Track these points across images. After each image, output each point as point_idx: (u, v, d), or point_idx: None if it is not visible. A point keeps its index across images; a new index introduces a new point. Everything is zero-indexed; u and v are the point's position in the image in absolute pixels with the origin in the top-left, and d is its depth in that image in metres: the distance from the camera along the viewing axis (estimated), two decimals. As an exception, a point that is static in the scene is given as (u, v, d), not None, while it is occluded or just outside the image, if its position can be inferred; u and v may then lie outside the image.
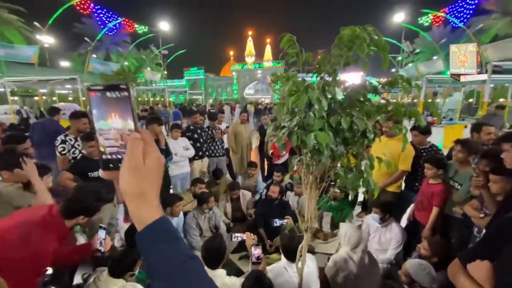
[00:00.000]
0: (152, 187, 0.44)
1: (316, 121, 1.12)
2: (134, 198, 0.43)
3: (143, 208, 0.43)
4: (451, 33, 25.54)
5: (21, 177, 1.80)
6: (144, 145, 0.44)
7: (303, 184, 1.46)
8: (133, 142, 0.44)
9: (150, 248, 0.41)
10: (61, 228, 1.33)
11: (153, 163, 0.44)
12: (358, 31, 1.06)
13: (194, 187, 3.45)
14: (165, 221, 0.43)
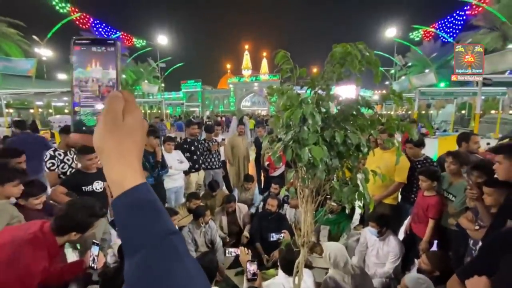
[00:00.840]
0: (133, 147, 0.38)
1: (310, 135, 1.13)
2: (111, 156, 0.37)
3: (122, 170, 0.36)
4: (441, 47, 26.33)
5: (13, 192, 1.76)
6: (126, 104, 0.39)
7: (299, 197, 1.45)
8: (113, 97, 0.39)
9: (126, 218, 0.35)
10: (52, 246, 1.29)
11: (135, 122, 0.39)
12: (349, 48, 1.10)
13: (189, 202, 3.41)
14: (147, 189, 0.37)
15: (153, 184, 3.44)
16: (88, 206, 1.45)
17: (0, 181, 1.69)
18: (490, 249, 1.03)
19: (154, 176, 3.42)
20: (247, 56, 47.23)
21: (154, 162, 3.38)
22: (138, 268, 0.32)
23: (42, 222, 1.35)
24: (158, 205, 0.37)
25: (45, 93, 13.08)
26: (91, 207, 1.46)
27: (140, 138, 0.39)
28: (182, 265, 0.34)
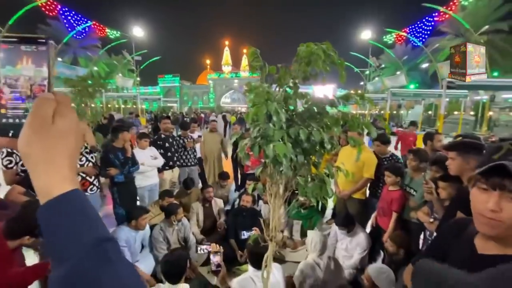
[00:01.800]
0: (63, 152, 0.35)
1: (276, 132, 1.15)
2: (37, 162, 0.34)
3: (49, 176, 0.34)
4: (412, 51, 27.88)
5: None
6: (58, 106, 0.37)
7: (267, 193, 1.48)
8: (41, 98, 0.36)
9: (53, 227, 0.32)
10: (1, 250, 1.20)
11: (67, 125, 0.36)
12: (313, 48, 1.13)
13: (162, 200, 3.33)
14: (78, 195, 0.35)
15: (124, 182, 3.32)
16: None
17: None
18: (440, 239, 1.11)
19: (125, 173, 3.30)
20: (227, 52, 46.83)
21: (124, 158, 3.27)
22: (65, 278, 0.30)
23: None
24: (89, 212, 0.35)
25: (6, 84, 12.09)
26: None
27: (72, 143, 0.37)
28: (114, 273, 0.32)
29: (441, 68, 17.39)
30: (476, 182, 0.80)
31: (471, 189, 0.84)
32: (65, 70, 19.22)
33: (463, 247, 0.91)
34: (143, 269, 2.62)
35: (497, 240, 0.80)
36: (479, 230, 0.82)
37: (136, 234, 2.72)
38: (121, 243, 2.52)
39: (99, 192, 3.27)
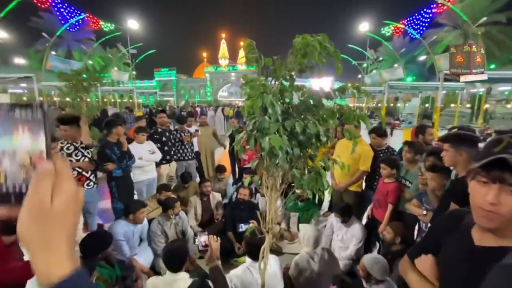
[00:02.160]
0: (62, 233, 0.35)
1: (271, 124, 1.15)
2: (36, 248, 0.34)
3: (48, 260, 0.34)
4: (409, 43, 27.77)
5: None
6: (57, 178, 0.35)
7: (264, 186, 1.49)
8: (39, 176, 0.35)
9: None
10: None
11: (65, 203, 0.35)
12: (309, 40, 1.12)
13: (160, 194, 3.34)
14: (79, 277, 0.34)
15: (122, 176, 3.32)
16: None
17: None
18: (435, 230, 1.11)
19: (122, 167, 3.30)
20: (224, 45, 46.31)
21: (120, 153, 3.25)
22: None
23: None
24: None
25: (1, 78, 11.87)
26: None
27: (71, 220, 0.37)
28: None
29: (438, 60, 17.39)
30: (475, 175, 0.80)
31: (470, 182, 0.83)
32: (59, 64, 18.90)
33: (460, 239, 0.92)
34: (142, 262, 2.65)
35: (494, 232, 0.80)
36: (477, 223, 0.82)
37: (134, 228, 2.73)
38: (119, 237, 2.53)
39: (95, 187, 3.26)
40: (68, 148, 2.93)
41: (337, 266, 2.41)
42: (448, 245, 0.97)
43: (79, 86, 5.69)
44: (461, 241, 0.91)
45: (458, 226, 0.95)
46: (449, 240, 0.97)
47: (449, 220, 1.03)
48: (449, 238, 0.97)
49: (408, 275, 1.06)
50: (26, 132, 0.37)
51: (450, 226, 1.00)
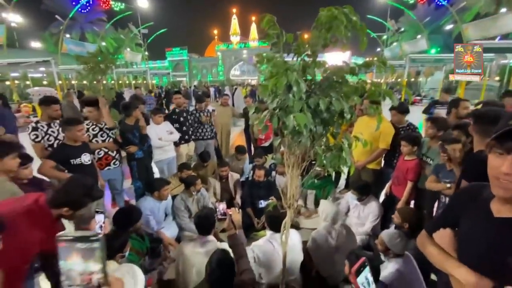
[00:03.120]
0: None
1: (295, 102, 1.15)
2: None
3: None
4: (435, 11, 25.63)
5: (11, 165, 1.75)
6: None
7: (285, 164, 1.52)
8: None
9: None
10: (47, 218, 1.32)
11: None
12: (335, 13, 1.08)
13: (181, 173, 3.48)
14: None
15: (143, 157, 3.46)
16: (87, 186, 1.44)
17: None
18: (454, 204, 1.12)
19: (143, 149, 3.42)
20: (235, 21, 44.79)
21: (140, 135, 3.35)
22: None
23: (39, 194, 1.37)
24: None
25: (20, 63, 12.21)
26: (89, 187, 1.46)
27: None
28: None
29: (466, 29, 16.03)
30: (492, 148, 0.83)
31: (488, 154, 0.86)
32: (74, 47, 19.12)
33: (479, 212, 0.94)
34: (168, 235, 2.83)
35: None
36: (494, 193, 0.85)
37: (160, 204, 2.90)
38: (147, 212, 2.71)
39: (120, 165, 3.43)
40: (93, 129, 3.07)
41: (354, 241, 2.47)
42: (468, 218, 0.99)
43: (96, 69, 5.77)
44: (480, 214, 0.93)
45: (477, 200, 0.97)
46: (468, 213, 0.99)
47: (468, 194, 1.05)
48: (468, 212, 0.99)
49: (427, 248, 1.09)
50: (80, 257, 0.44)
51: (469, 199, 1.01)
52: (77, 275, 0.44)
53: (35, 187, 2.04)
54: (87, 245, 0.45)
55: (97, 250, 0.45)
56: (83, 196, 1.41)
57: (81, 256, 0.44)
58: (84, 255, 0.44)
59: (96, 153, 3.08)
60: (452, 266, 0.95)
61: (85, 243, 0.44)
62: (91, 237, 0.44)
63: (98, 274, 0.44)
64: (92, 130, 3.06)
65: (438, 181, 2.27)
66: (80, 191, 1.40)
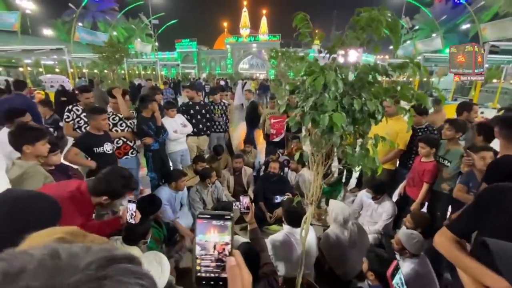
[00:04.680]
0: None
1: (330, 102, 1.18)
2: None
3: None
4: (452, 10, 24.93)
5: (42, 150, 1.82)
6: (240, 270, 0.49)
7: (310, 161, 1.55)
8: (233, 273, 0.48)
9: None
10: (88, 204, 1.39)
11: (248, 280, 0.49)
12: (376, 14, 1.09)
13: (196, 165, 3.54)
14: None
15: (158, 149, 3.52)
16: (126, 176, 1.51)
17: (31, 141, 1.72)
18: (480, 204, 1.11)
19: (159, 141, 3.47)
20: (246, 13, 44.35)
21: (156, 128, 3.40)
22: None
23: (80, 182, 1.43)
24: None
25: (34, 50, 12.39)
26: (128, 178, 1.53)
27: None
28: None
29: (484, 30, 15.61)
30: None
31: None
32: (85, 35, 19.29)
33: (503, 211, 0.96)
34: (183, 224, 2.91)
35: None
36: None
37: (176, 194, 2.97)
38: (164, 201, 2.77)
39: (137, 155, 3.50)
40: (113, 119, 3.13)
41: (366, 240, 2.50)
42: (492, 218, 1.01)
43: (112, 59, 5.87)
44: (505, 213, 0.95)
45: (502, 201, 0.99)
46: (493, 213, 1.01)
47: (493, 194, 1.06)
48: (493, 211, 1.01)
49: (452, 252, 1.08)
50: (216, 232, 0.51)
51: (494, 200, 1.03)
52: (212, 245, 0.51)
53: (61, 173, 2.12)
54: (221, 222, 0.51)
55: (229, 226, 0.52)
56: (122, 186, 1.46)
57: (217, 231, 0.51)
58: (219, 230, 0.51)
59: (115, 142, 3.15)
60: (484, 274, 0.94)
61: (219, 220, 0.51)
62: (225, 215, 0.52)
63: (229, 246, 0.51)
64: (112, 120, 3.12)
65: (467, 190, 2.24)
66: (120, 181, 1.46)
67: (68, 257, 0.28)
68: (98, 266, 0.28)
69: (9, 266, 0.26)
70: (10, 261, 0.27)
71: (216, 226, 0.51)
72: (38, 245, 0.29)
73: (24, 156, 1.76)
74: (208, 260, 0.51)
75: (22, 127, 1.83)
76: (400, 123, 2.90)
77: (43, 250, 0.29)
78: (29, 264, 0.26)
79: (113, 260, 0.30)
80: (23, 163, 1.71)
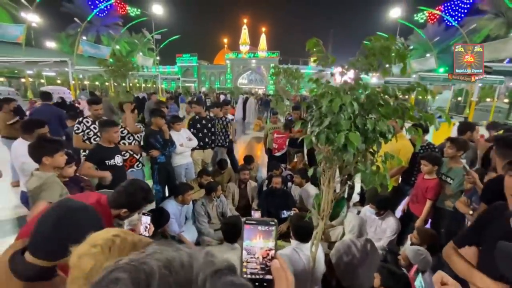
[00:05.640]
0: None
1: (344, 122, 1.25)
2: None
3: None
4: (444, 32, 25.99)
5: (60, 162, 1.85)
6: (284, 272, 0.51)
7: (322, 177, 1.61)
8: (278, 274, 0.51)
9: None
10: (108, 217, 1.41)
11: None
12: (388, 44, 1.19)
13: (200, 178, 3.57)
14: None
15: (165, 162, 3.55)
16: (145, 189, 1.55)
17: (50, 152, 1.76)
18: (480, 221, 1.27)
19: (166, 154, 3.52)
20: (246, 31, 45.66)
21: (163, 141, 3.45)
22: None
23: (99, 195, 1.46)
24: None
25: (37, 62, 12.57)
26: (147, 191, 1.56)
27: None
28: None
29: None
30: (507, 171, 1.01)
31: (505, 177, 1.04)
32: (89, 48, 19.65)
33: (499, 226, 1.10)
34: (188, 238, 2.90)
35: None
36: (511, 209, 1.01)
37: (182, 208, 2.98)
38: (170, 215, 2.78)
39: (142, 168, 3.53)
40: (122, 132, 3.19)
41: (377, 257, 2.51)
42: (490, 232, 1.14)
43: (118, 72, 6.01)
44: (500, 228, 1.09)
45: (499, 216, 1.12)
46: (491, 229, 1.14)
47: (493, 212, 1.20)
48: (492, 227, 1.14)
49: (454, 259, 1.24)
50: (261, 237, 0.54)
51: (493, 216, 1.17)
52: (258, 250, 0.54)
53: (75, 185, 2.14)
54: (266, 227, 0.54)
55: (273, 232, 0.55)
56: (141, 199, 1.50)
57: (262, 237, 0.54)
58: (264, 236, 0.54)
59: (122, 154, 3.19)
60: (478, 277, 1.09)
61: (264, 226, 0.54)
62: (269, 221, 0.55)
63: (272, 251, 0.54)
64: (121, 133, 3.18)
65: (469, 203, 2.30)
66: (140, 194, 1.49)
67: (181, 269, 0.31)
68: (209, 280, 0.31)
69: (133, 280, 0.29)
70: (133, 273, 0.30)
71: (262, 232, 0.54)
72: (149, 253, 0.33)
73: (43, 167, 1.79)
74: (254, 263, 0.54)
75: (41, 139, 1.87)
76: (402, 141, 2.99)
77: (157, 262, 0.31)
78: (152, 279, 0.29)
79: (219, 271, 0.33)
80: (42, 174, 1.74)
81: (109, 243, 0.62)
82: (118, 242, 0.63)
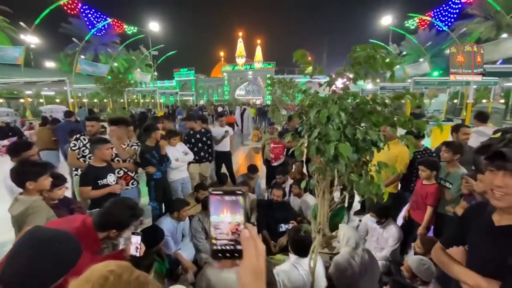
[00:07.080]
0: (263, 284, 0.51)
1: (333, 132, 1.23)
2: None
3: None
4: (436, 36, 26.48)
5: (45, 185, 1.81)
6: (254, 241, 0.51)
7: (316, 189, 1.56)
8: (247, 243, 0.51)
9: None
10: (94, 240, 1.36)
11: (263, 260, 0.51)
12: (373, 53, 1.18)
13: (197, 193, 3.51)
14: None
15: (161, 178, 3.50)
16: (131, 206, 1.50)
17: (34, 177, 1.72)
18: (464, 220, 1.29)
19: (162, 170, 3.47)
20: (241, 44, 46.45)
21: (159, 156, 3.41)
22: None
23: (84, 217, 1.41)
24: None
25: (36, 82, 12.70)
26: (133, 208, 1.51)
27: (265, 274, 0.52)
28: None
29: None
30: (486, 167, 1.03)
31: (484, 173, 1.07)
32: (87, 67, 19.95)
33: (483, 222, 1.13)
34: (186, 256, 2.81)
35: (509, 213, 1.01)
36: (492, 204, 1.03)
37: (178, 224, 2.90)
38: (166, 233, 2.70)
39: (137, 186, 3.48)
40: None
41: (377, 268, 2.43)
42: (474, 229, 1.17)
43: (115, 89, 6.05)
44: (484, 224, 1.12)
45: (482, 214, 1.15)
46: (475, 226, 1.17)
47: (475, 210, 1.25)
48: (475, 224, 1.17)
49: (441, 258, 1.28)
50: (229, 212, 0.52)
51: (475, 214, 1.21)
52: (227, 225, 0.52)
53: (64, 207, 2.09)
54: (233, 197, 0.51)
55: (241, 204, 0.52)
56: (129, 217, 1.45)
57: (229, 211, 0.52)
58: (232, 210, 0.52)
59: (116, 172, 3.14)
60: (463, 273, 1.12)
61: (231, 195, 0.52)
62: (236, 191, 0.52)
63: (242, 225, 0.52)
64: (114, 150, 3.14)
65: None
66: (126, 212, 1.44)
67: None
68: None
69: None
70: None
71: (229, 203, 0.52)
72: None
73: (27, 192, 1.74)
74: (223, 239, 0.52)
75: (24, 163, 1.82)
76: (398, 146, 2.96)
77: None
78: None
79: None
80: (26, 198, 1.69)
81: (101, 281, 0.59)
82: (112, 279, 0.60)
